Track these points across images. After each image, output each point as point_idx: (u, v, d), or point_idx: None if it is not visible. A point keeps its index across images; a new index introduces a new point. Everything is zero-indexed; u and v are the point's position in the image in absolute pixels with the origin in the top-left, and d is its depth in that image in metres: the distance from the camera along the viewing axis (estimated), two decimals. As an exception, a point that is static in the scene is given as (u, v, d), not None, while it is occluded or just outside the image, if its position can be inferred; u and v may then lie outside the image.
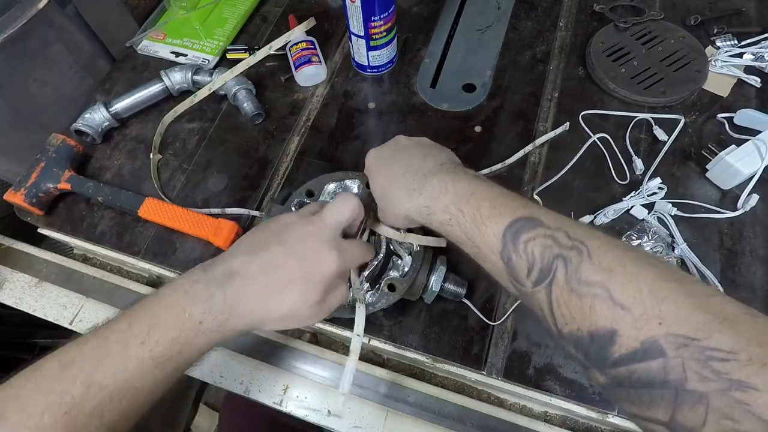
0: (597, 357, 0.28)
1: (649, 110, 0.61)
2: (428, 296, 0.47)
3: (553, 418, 0.50)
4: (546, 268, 0.31)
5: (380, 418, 0.50)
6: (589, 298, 0.28)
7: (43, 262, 0.60)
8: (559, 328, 0.30)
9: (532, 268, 0.31)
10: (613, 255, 0.29)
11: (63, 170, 0.56)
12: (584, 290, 0.29)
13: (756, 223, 0.53)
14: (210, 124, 0.63)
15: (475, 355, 0.47)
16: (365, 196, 0.48)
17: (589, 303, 0.28)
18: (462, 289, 0.47)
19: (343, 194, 0.41)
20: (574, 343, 0.29)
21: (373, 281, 0.46)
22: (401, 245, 0.46)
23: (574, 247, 0.30)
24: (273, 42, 0.65)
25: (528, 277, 0.32)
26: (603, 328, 0.27)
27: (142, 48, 0.70)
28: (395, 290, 0.45)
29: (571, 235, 0.31)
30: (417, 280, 0.46)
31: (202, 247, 0.54)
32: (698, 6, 0.69)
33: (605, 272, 0.28)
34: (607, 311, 0.27)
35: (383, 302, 0.45)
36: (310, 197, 0.49)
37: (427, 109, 0.63)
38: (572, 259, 0.30)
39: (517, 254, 0.32)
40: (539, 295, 0.31)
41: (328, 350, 0.53)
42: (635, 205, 0.53)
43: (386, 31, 0.61)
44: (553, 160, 0.58)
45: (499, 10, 0.72)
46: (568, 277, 0.29)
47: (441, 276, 0.46)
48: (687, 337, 0.25)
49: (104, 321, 0.35)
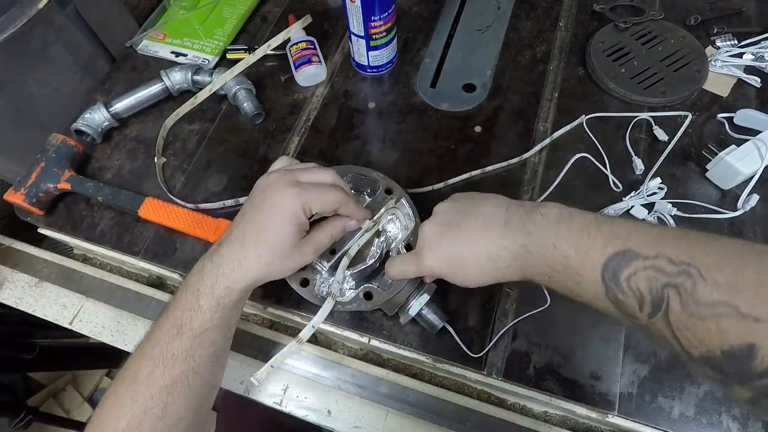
0: (738, 373, 0.28)
1: (649, 110, 0.61)
2: (404, 317, 0.46)
3: (553, 418, 0.50)
4: (657, 300, 0.30)
5: (380, 418, 0.50)
6: (714, 319, 0.28)
7: (43, 262, 0.60)
8: (689, 352, 0.30)
9: (643, 303, 0.31)
10: (730, 268, 0.28)
11: (63, 170, 0.56)
12: (706, 312, 0.28)
13: (756, 223, 0.53)
14: (210, 124, 0.63)
15: (474, 355, 0.47)
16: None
17: (716, 323, 0.28)
18: (440, 322, 0.46)
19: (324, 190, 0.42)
20: (708, 365, 0.29)
21: (360, 282, 0.46)
22: None
23: (683, 272, 0.29)
24: (271, 40, 0.65)
25: (641, 311, 0.31)
26: (738, 344, 0.27)
27: (142, 48, 0.70)
28: (371, 299, 0.45)
29: (674, 260, 0.30)
30: (396, 298, 0.45)
31: (202, 247, 0.54)
32: (698, 6, 0.69)
33: (726, 289, 0.28)
34: (738, 327, 0.27)
35: (355, 305, 0.45)
36: None
37: (427, 109, 0.63)
38: (684, 285, 0.29)
39: (623, 293, 0.32)
40: (658, 325, 0.31)
41: (328, 350, 0.53)
42: (635, 205, 0.53)
43: (386, 31, 0.61)
44: (553, 160, 0.58)
45: (499, 10, 0.72)
46: (684, 304, 0.29)
47: (422, 303, 0.45)
48: None
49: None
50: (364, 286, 0.46)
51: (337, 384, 0.51)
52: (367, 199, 0.50)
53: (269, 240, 0.41)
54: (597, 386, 0.46)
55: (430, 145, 0.60)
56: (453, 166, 0.58)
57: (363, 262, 0.45)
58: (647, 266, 0.31)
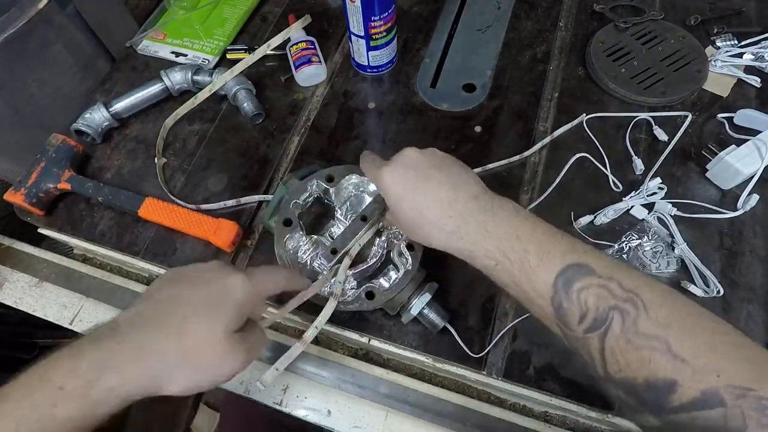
0: (654, 404, 0.30)
1: (649, 110, 0.61)
2: (406, 317, 0.46)
3: (553, 418, 0.50)
4: (601, 318, 0.31)
5: (380, 418, 0.50)
6: (648, 350, 0.30)
7: (43, 262, 0.60)
8: (610, 372, 0.31)
9: (585, 316, 0.32)
10: (668, 308, 0.31)
11: (63, 170, 0.56)
12: (642, 342, 0.30)
13: (756, 223, 0.53)
14: (210, 124, 0.63)
15: (475, 355, 0.47)
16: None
17: (648, 355, 0.30)
18: (441, 322, 0.46)
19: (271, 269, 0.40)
20: (626, 389, 0.31)
21: (361, 282, 0.46)
22: (400, 258, 0.46)
23: (629, 300, 0.31)
24: (271, 40, 0.65)
25: (579, 324, 0.32)
26: (662, 378, 0.29)
27: (142, 48, 0.70)
28: (373, 299, 0.45)
29: (624, 286, 0.32)
30: (398, 297, 0.45)
31: (202, 247, 0.54)
32: (698, 6, 0.69)
33: (663, 326, 0.30)
34: (666, 363, 0.29)
35: (357, 305, 0.45)
36: (330, 182, 0.50)
37: (427, 109, 0.63)
38: (629, 312, 0.31)
39: (570, 302, 0.33)
40: (591, 341, 0.32)
41: (328, 350, 0.53)
42: (635, 205, 0.53)
43: (386, 31, 0.61)
44: (553, 160, 0.58)
45: (499, 10, 0.72)
46: (625, 329, 0.31)
47: (423, 302, 0.45)
48: (744, 388, 0.27)
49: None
50: (366, 285, 0.46)
51: (337, 384, 0.51)
52: (367, 199, 0.50)
53: (200, 332, 0.32)
54: (597, 386, 0.46)
55: (430, 145, 0.59)
56: (453, 166, 0.58)
57: (364, 261, 0.45)
58: (600, 284, 0.32)
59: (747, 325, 0.48)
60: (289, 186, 0.50)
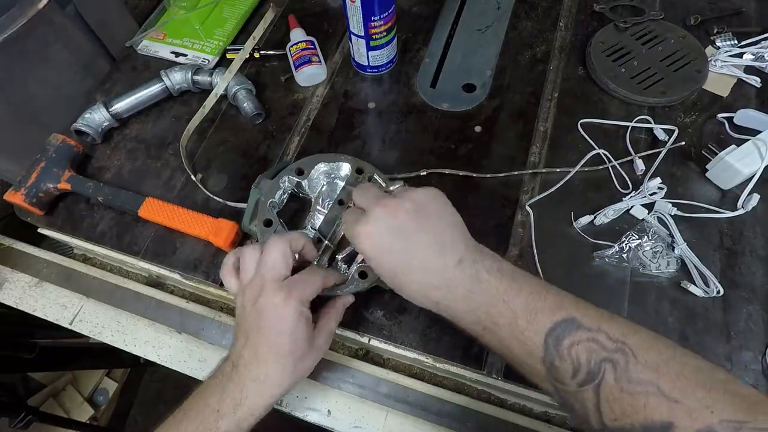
0: None
1: (649, 110, 0.61)
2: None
3: (553, 418, 0.50)
4: (593, 371, 0.32)
5: (380, 418, 0.50)
6: (642, 396, 0.30)
7: (43, 262, 0.60)
8: (606, 423, 0.32)
9: (578, 371, 0.32)
10: (655, 352, 0.32)
11: (63, 170, 0.56)
12: (636, 388, 0.31)
13: (756, 223, 0.53)
14: (210, 124, 0.63)
15: (475, 355, 0.47)
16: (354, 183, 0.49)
17: (643, 400, 0.30)
18: None
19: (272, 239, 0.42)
20: None
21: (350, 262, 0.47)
22: None
23: (618, 349, 0.32)
24: (254, 32, 0.66)
25: (573, 378, 0.33)
26: (659, 421, 0.30)
27: (142, 48, 0.70)
28: (366, 278, 0.46)
29: (612, 336, 0.32)
30: None
31: (202, 247, 0.54)
32: (698, 6, 0.69)
33: (653, 370, 0.31)
34: (660, 406, 0.30)
35: (352, 287, 0.46)
36: (300, 175, 0.51)
37: (427, 109, 0.63)
38: (619, 361, 0.32)
39: (561, 359, 0.33)
40: (585, 394, 0.32)
41: (328, 350, 0.53)
42: (635, 205, 0.53)
43: (386, 31, 0.61)
44: (553, 160, 0.58)
45: (499, 10, 0.72)
46: (617, 378, 0.31)
47: None
48: (738, 421, 0.28)
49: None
50: (358, 265, 0.47)
51: (337, 384, 0.51)
52: (340, 184, 0.51)
53: (286, 347, 0.40)
54: None
55: (430, 145, 0.60)
56: (453, 166, 0.58)
57: (350, 245, 0.46)
58: (589, 338, 0.33)
59: (747, 325, 0.48)
60: (261, 187, 0.51)
